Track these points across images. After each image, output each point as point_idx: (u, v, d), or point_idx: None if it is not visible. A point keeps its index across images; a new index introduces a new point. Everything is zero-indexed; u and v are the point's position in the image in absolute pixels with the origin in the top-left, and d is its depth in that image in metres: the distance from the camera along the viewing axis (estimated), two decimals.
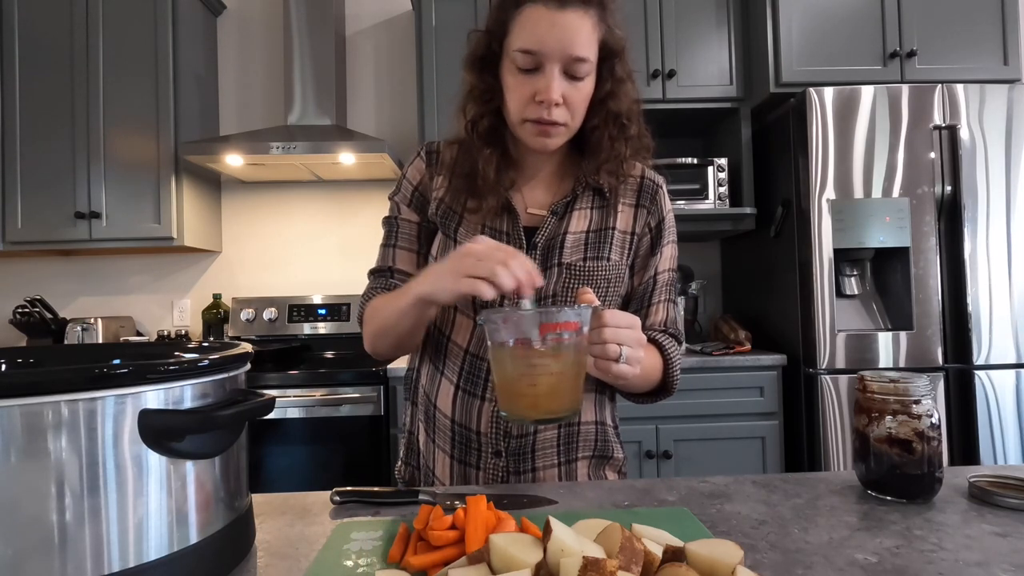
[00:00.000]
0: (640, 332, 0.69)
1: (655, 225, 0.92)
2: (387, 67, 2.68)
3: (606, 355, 0.67)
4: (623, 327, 0.67)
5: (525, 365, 0.62)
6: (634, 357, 0.68)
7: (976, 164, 1.94)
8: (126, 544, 0.41)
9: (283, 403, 1.94)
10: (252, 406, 0.47)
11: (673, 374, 0.86)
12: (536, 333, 0.61)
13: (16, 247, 2.29)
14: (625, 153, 0.87)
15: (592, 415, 0.91)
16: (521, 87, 0.80)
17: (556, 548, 0.38)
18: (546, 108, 0.79)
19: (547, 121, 0.80)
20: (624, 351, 0.67)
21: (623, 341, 0.67)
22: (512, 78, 0.81)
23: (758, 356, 2.03)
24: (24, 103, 2.27)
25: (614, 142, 0.86)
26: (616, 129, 0.86)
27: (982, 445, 1.90)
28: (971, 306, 1.92)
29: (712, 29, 2.28)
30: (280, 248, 2.66)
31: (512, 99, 0.82)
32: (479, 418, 0.85)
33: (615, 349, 0.67)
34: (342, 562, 0.48)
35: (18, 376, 0.42)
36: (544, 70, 0.78)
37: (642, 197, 0.92)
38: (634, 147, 0.88)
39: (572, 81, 0.80)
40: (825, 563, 0.47)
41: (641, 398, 0.90)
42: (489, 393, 0.85)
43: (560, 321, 0.63)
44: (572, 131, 0.84)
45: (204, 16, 2.54)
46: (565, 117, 0.81)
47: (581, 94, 0.81)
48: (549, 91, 0.78)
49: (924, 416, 0.60)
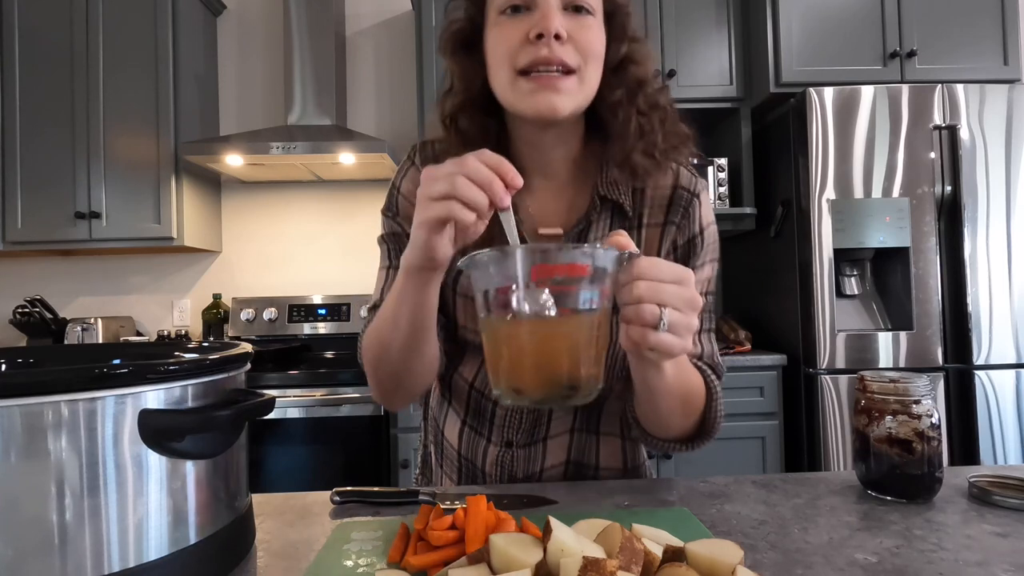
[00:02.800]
0: (693, 291, 0.51)
1: (684, 243, 0.73)
2: (387, 67, 2.68)
3: (640, 318, 0.49)
4: (667, 281, 0.49)
5: (507, 324, 0.48)
6: (682, 324, 0.50)
7: (976, 164, 1.94)
8: (126, 544, 0.41)
9: (283, 403, 1.94)
10: (252, 406, 0.47)
11: (716, 409, 0.67)
12: (524, 277, 0.46)
13: (16, 247, 2.29)
14: (659, 136, 0.69)
15: (619, 460, 0.77)
16: (508, 31, 0.64)
17: (556, 548, 0.38)
18: (545, 44, 0.61)
19: (550, 62, 0.62)
20: (666, 314, 0.49)
21: (665, 301, 0.49)
22: (496, 29, 0.66)
23: (758, 356, 2.03)
24: (24, 103, 2.27)
25: (642, 120, 0.68)
26: (644, 102, 0.69)
27: (982, 445, 1.90)
28: (971, 306, 1.92)
29: (712, 29, 2.28)
30: (280, 248, 2.66)
31: (498, 52, 0.65)
32: (484, 458, 0.77)
33: (653, 311, 0.49)
34: (342, 562, 0.48)
35: (18, 376, 0.42)
36: (537, 4, 0.63)
37: (672, 212, 0.73)
38: (668, 131, 0.70)
39: (576, 16, 0.64)
40: (825, 563, 0.47)
41: (671, 444, 0.68)
42: (495, 436, 0.76)
43: (560, 262, 0.47)
44: (587, 90, 0.66)
45: (204, 16, 2.54)
46: (574, 59, 0.63)
47: (591, 31, 0.65)
48: (547, 18, 0.61)
49: (924, 416, 0.60)
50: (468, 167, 0.49)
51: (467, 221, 0.50)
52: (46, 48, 2.27)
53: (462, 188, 0.49)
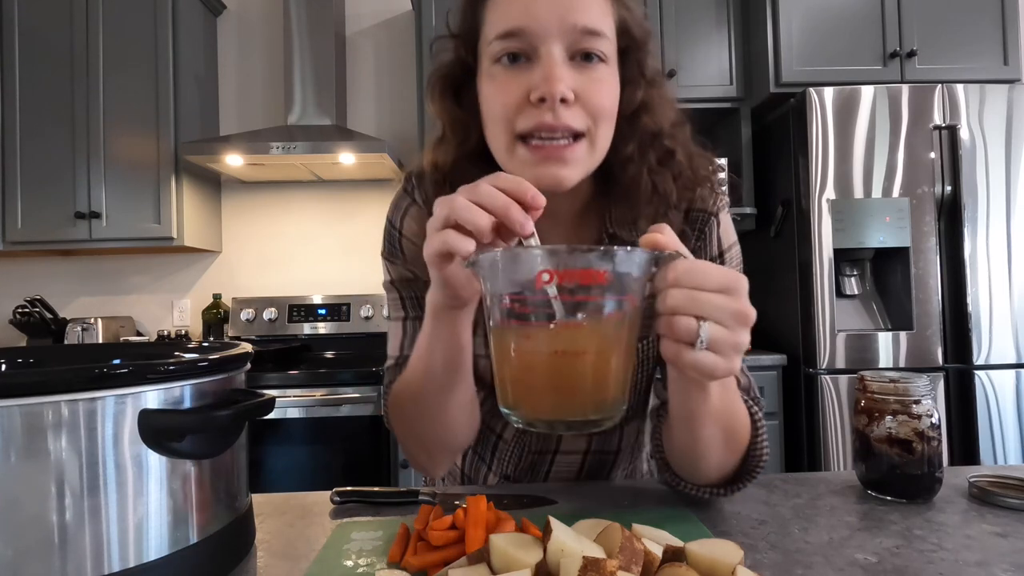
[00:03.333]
0: (743, 302, 0.43)
1: None
2: (387, 67, 2.68)
3: (674, 333, 0.42)
4: (709, 289, 0.42)
5: (519, 334, 0.43)
6: (726, 341, 0.42)
7: (976, 164, 1.94)
8: (126, 544, 0.41)
9: (283, 403, 1.94)
10: (252, 406, 0.47)
11: (761, 445, 0.57)
12: (531, 283, 0.41)
13: (16, 247, 2.29)
14: (673, 194, 0.61)
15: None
16: (505, 87, 0.55)
17: (556, 548, 0.38)
18: (549, 109, 0.53)
19: (555, 129, 0.54)
20: (705, 329, 0.41)
21: (705, 313, 0.41)
22: (492, 83, 0.57)
23: (758, 356, 2.03)
24: (24, 103, 2.27)
25: (655, 177, 0.61)
26: (657, 157, 0.61)
27: (982, 445, 1.90)
28: (971, 306, 1.92)
29: (712, 29, 2.28)
30: (280, 248, 2.66)
31: (494, 109, 0.56)
32: (484, 482, 0.75)
33: (689, 325, 0.41)
34: (342, 562, 0.48)
35: (18, 376, 0.42)
36: (539, 54, 0.54)
37: (684, 236, 0.64)
38: (685, 182, 0.63)
39: (585, 67, 0.55)
40: (825, 563, 0.47)
41: (706, 489, 0.58)
42: (496, 464, 0.73)
43: (575, 267, 0.41)
44: (597, 153, 0.58)
45: (204, 16, 2.54)
46: (583, 122, 0.55)
47: (603, 85, 0.56)
48: (551, 79, 0.52)
49: (924, 416, 0.60)
50: (480, 193, 0.43)
51: (466, 250, 0.44)
52: (46, 48, 2.27)
53: (459, 211, 0.43)
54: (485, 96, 0.58)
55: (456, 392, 0.59)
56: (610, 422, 0.44)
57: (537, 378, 0.43)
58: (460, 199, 0.44)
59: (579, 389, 0.43)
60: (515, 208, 0.43)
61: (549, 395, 0.43)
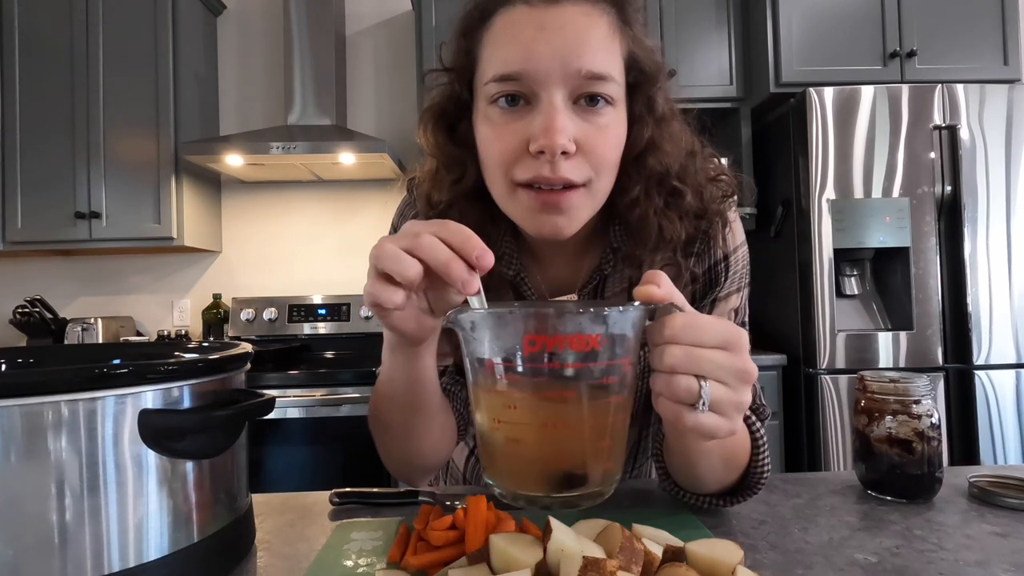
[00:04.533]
0: (744, 359, 0.41)
1: (705, 270, 0.63)
2: (387, 67, 2.68)
3: (673, 393, 0.40)
4: (708, 346, 0.40)
5: (502, 402, 0.39)
6: (728, 402, 0.40)
7: (976, 164, 1.94)
8: (126, 544, 0.41)
9: (283, 403, 1.94)
10: (252, 406, 0.47)
11: (761, 463, 0.55)
12: (513, 350, 0.38)
13: (16, 247, 2.29)
14: (681, 236, 0.59)
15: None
16: (503, 133, 0.52)
17: (556, 548, 0.38)
18: (548, 161, 0.50)
19: (552, 183, 0.51)
20: (707, 389, 0.39)
21: (706, 372, 0.39)
22: (489, 127, 0.54)
23: (758, 356, 2.03)
24: (24, 103, 2.27)
25: (663, 220, 0.58)
26: (664, 200, 0.58)
27: (982, 445, 1.90)
28: (971, 306, 1.92)
29: (712, 29, 2.28)
30: (280, 248, 2.66)
31: (491, 156, 0.54)
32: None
33: (690, 385, 0.39)
34: (342, 562, 0.48)
35: (18, 376, 0.42)
36: (539, 99, 0.51)
37: (689, 243, 0.62)
38: (693, 221, 0.60)
39: (589, 112, 0.52)
40: (825, 563, 0.47)
41: (706, 499, 0.57)
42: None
43: (564, 332, 0.37)
44: (597, 199, 0.55)
45: (204, 16, 2.54)
46: (583, 173, 0.52)
47: (607, 133, 0.53)
48: (551, 130, 0.49)
49: (924, 416, 0.60)
50: (420, 244, 0.40)
51: (392, 302, 0.41)
52: (46, 48, 2.27)
53: (384, 261, 0.41)
54: (481, 139, 0.56)
55: (420, 419, 0.57)
56: (603, 496, 0.41)
57: (523, 450, 0.40)
58: (388, 247, 0.41)
59: (570, 465, 0.39)
60: (457, 264, 0.40)
61: (535, 469, 0.40)
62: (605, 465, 0.41)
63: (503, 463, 0.41)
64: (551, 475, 0.40)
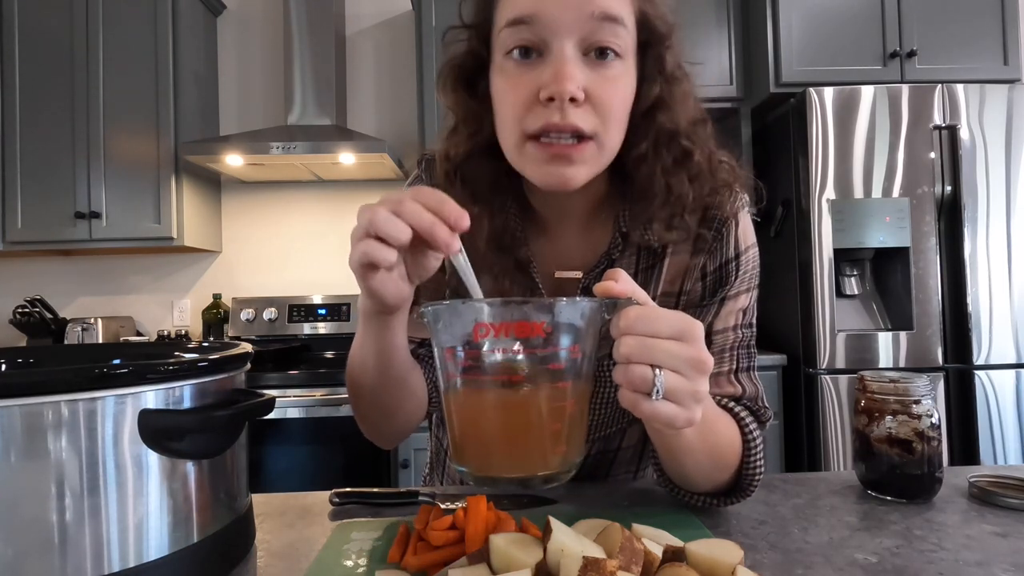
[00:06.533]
0: (699, 349, 0.42)
1: (715, 269, 0.64)
2: (387, 67, 2.68)
3: (629, 382, 0.41)
4: (663, 336, 0.41)
5: (461, 387, 0.43)
6: (684, 390, 0.41)
7: (976, 164, 1.94)
8: (126, 544, 0.41)
9: (283, 403, 1.94)
10: (252, 406, 0.47)
11: (753, 463, 0.56)
12: (466, 337, 0.41)
13: (16, 247, 2.29)
14: (689, 196, 0.59)
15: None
16: (516, 83, 0.54)
17: (556, 548, 0.38)
18: (557, 108, 0.51)
19: (561, 130, 0.52)
20: (661, 379, 0.40)
21: (659, 361, 0.40)
22: (503, 78, 0.55)
23: (758, 356, 2.02)
24: (24, 103, 2.27)
25: (671, 179, 0.58)
26: (673, 157, 0.58)
27: (982, 445, 1.90)
28: (971, 306, 1.92)
29: (712, 29, 2.28)
30: (280, 248, 2.66)
31: (504, 108, 0.56)
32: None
33: (644, 374, 0.40)
34: (342, 562, 0.48)
35: (18, 376, 0.42)
36: (550, 49, 0.52)
37: (700, 239, 0.63)
38: (702, 185, 0.60)
39: (598, 65, 0.53)
40: (825, 563, 0.47)
41: (702, 498, 0.58)
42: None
43: (509, 320, 0.40)
44: (606, 153, 0.56)
45: (204, 16, 2.54)
46: (591, 123, 0.53)
47: (616, 84, 0.54)
48: (561, 77, 0.50)
49: (924, 416, 0.60)
50: (404, 209, 0.43)
51: (387, 260, 0.43)
52: (46, 47, 2.27)
53: (379, 224, 0.43)
54: (496, 91, 0.57)
55: (391, 389, 0.60)
56: (559, 480, 0.43)
57: (482, 433, 0.42)
58: (382, 211, 0.43)
59: (523, 445, 0.42)
60: (440, 226, 0.43)
61: (495, 450, 0.43)
62: (559, 448, 0.43)
63: (467, 446, 0.44)
64: (509, 458, 0.42)
